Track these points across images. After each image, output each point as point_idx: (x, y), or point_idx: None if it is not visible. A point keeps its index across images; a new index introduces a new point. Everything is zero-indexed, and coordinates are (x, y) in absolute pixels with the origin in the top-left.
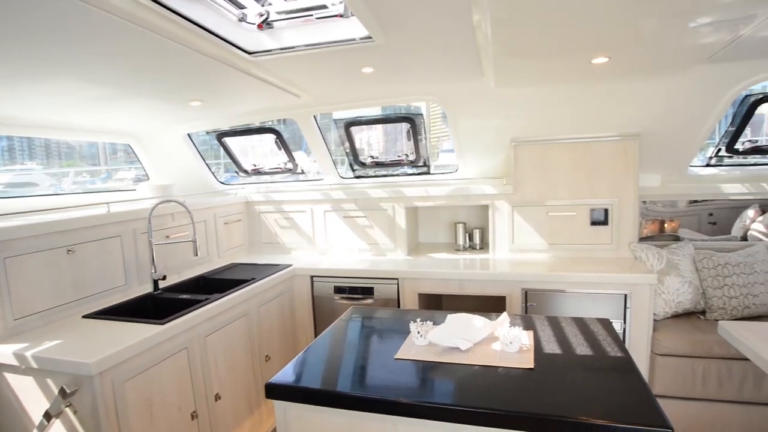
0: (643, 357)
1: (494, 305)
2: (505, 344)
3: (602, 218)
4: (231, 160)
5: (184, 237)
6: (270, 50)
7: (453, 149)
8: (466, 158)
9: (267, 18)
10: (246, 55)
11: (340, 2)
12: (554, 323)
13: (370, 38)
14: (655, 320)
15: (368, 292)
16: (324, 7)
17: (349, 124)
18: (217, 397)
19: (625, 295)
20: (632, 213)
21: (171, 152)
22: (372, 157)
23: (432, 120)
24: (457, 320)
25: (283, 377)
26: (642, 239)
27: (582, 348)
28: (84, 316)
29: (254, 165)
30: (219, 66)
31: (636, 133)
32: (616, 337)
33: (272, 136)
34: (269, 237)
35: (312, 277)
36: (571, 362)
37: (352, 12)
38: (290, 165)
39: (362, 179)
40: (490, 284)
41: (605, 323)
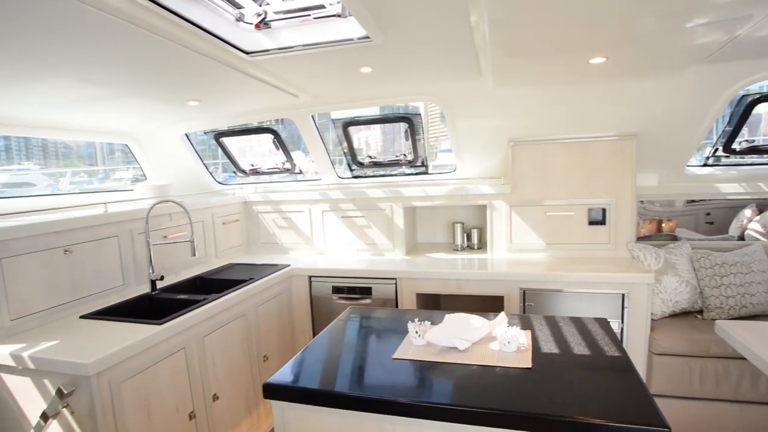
0: (641, 356)
1: (492, 305)
2: (503, 344)
3: (600, 218)
4: (229, 160)
5: (182, 237)
6: (268, 50)
7: (451, 149)
8: (464, 158)
9: (265, 18)
10: (244, 55)
11: (338, 2)
12: (552, 323)
13: (368, 38)
14: (653, 320)
15: (366, 292)
16: (322, 7)
17: (347, 124)
18: (215, 398)
19: (623, 295)
20: (630, 213)
21: (169, 152)
22: (370, 157)
23: (430, 120)
24: (455, 320)
25: (281, 377)
26: (639, 239)
27: (580, 347)
28: (81, 317)
29: (252, 165)
30: (217, 66)
31: (633, 133)
32: (614, 337)
33: (270, 136)
34: (267, 237)
35: (310, 277)
36: (569, 362)
37: (350, 12)
38: (288, 165)
39: (360, 179)
40: (488, 284)
41: (603, 323)
